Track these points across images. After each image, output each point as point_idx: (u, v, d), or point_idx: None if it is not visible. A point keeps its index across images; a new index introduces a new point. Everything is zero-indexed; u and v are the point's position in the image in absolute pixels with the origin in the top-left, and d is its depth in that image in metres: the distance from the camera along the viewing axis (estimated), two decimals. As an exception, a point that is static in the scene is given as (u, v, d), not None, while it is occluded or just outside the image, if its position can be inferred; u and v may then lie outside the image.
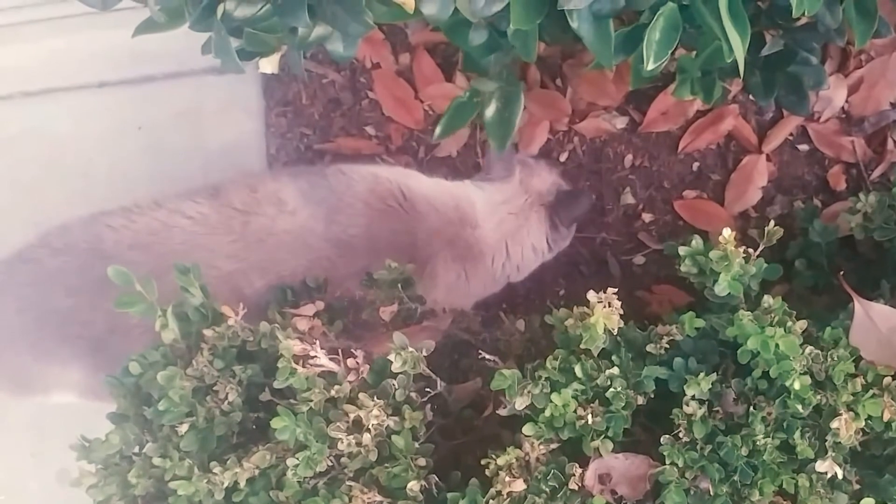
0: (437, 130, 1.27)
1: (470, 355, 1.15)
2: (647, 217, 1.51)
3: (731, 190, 1.48)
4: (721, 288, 0.90)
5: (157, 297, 0.92)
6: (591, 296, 0.86)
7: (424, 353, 0.92)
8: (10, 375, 1.23)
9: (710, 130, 1.50)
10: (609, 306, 0.85)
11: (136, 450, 0.94)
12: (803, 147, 1.49)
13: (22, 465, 1.58)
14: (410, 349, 0.90)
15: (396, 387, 0.92)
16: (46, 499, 1.57)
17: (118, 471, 0.91)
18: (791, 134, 1.49)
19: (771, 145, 1.48)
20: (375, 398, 0.90)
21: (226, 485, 0.88)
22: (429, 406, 0.93)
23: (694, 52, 1.24)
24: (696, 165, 1.51)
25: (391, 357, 0.90)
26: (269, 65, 1.01)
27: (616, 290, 0.91)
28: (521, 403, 0.87)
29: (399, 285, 1.09)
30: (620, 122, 1.53)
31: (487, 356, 0.94)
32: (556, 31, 1.18)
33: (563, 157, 1.54)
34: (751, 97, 1.50)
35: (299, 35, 1.01)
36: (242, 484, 0.89)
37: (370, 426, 0.89)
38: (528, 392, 0.86)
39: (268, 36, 0.94)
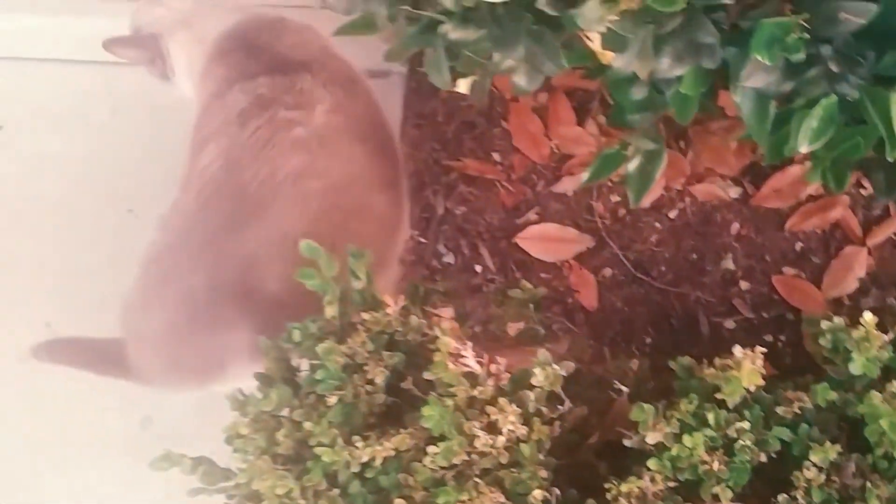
0: (585, 175, 1.30)
1: (578, 383, 1.17)
2: (743, 285, 1.53)
3: (829, 275, 1.50)
4: (856, 367, 0.91)
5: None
6: (738, 350, 0.88)
7: (564, 373, 0.94)
8: (188, 364, 1.18)
9: (819, 216, 1.52)
10: (754, 363, 0.87)
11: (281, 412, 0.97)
12: (904, 247, 1.51)
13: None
14: (555, 366, 0.92)
15: (532, 398, 0.94)
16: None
17: (267, 427, 0.94)
18: (895, 232, 1.51)
19: (874, 240, 1.50)
20: (513, 405, 0.92)
21: (363, 460, 0.91)
22: (557, 423, 0.95)
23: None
24: (798, 245, 1.53)
25: (535, 370, 0.92)
26: (464, 85, 1.04)
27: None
28: (652, 438, 0.89)
29: (531, 305, 1.12)
30: (734, 192, 1.55)
31: (621, 386, 0.96)
32: (710, 99, 1.22)
33: (672, 214, 1.57)
34: (861, 191, 1.52)
35: (492, 63, 1.05)
36: (378, 462, 0.91)
37: (505, 430, 0.92)
38: (661, 429, 0.88)
39: (477, 59, 0.98)
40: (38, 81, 1.74)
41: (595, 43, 1.01)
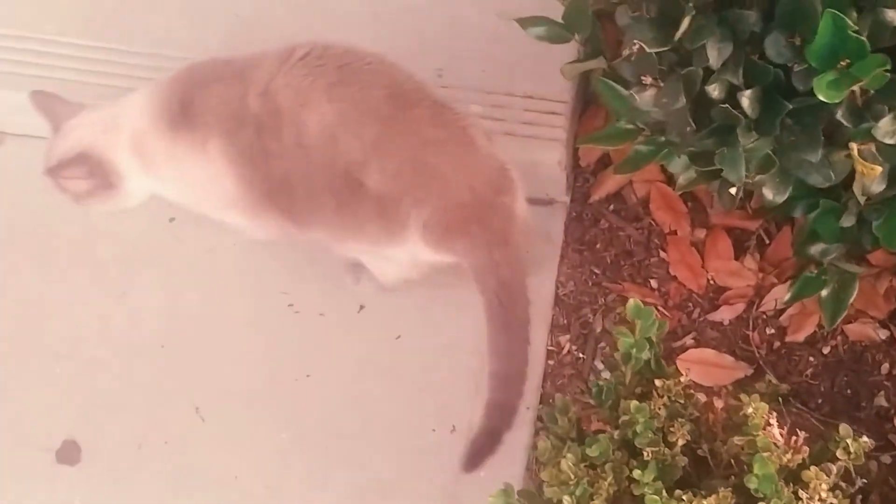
0: (787, 297, 1.38)
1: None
2: (898, 422, 1.57)
3: (979, 418, 1.55)
4: None
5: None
6: None
7: (867, 449, 0.96)
8: None
9: (964, 364, 1.60)
10: None
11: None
12: None
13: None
14: (864, 439, 0.94)
15: (834, 471, 0.95)
16: None
17: (587, 475, 0.92)
18: None
19: None
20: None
21: (687, 514, 0.89)
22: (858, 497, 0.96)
23: None
24: (948, 389, 1.60)
25: (847, 440, 0.94)
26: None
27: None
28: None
29: (779, 399, 1.15)
30: (882, 334, 1.63)
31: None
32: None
33: (825, 350, 1.63)
34: None
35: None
36: (697, 519, 0.90)
37: (816, 498, 0.92)
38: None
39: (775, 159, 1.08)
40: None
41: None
